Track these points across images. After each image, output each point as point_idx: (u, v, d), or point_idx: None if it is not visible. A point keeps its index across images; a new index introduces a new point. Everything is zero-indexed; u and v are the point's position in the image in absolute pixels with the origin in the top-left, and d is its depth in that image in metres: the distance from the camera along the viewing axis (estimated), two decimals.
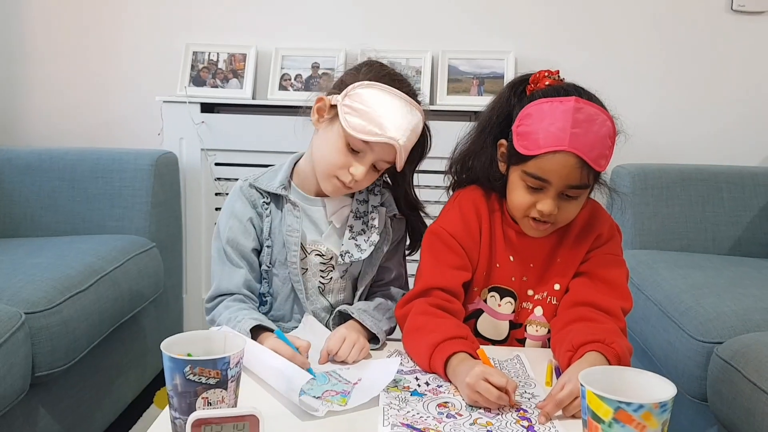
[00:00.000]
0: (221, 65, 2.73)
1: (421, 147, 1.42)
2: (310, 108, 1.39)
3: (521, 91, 1.32)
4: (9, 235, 2.32)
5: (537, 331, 1.38)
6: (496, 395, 1.06)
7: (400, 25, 2.74)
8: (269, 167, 1.49)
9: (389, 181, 1.50)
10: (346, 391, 1.13)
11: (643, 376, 0.91)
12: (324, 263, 1.43)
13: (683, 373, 1.65)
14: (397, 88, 1.32)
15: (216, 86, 2.72)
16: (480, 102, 2.60)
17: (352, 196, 1.45)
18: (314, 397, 1.07)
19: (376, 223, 1.43)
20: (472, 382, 1.07)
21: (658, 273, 2.00)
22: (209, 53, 2.74)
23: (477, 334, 1.39)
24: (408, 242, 1.53)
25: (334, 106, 1.33)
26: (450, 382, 1.18)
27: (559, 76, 1.30)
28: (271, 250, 1.42)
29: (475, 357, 1.17)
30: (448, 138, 1.47)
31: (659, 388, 0.87)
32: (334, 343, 1.26)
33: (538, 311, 1.38)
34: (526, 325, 1.38)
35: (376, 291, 1.50)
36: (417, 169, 1.46)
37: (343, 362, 1.24)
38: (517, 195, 1.29)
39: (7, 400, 1.47)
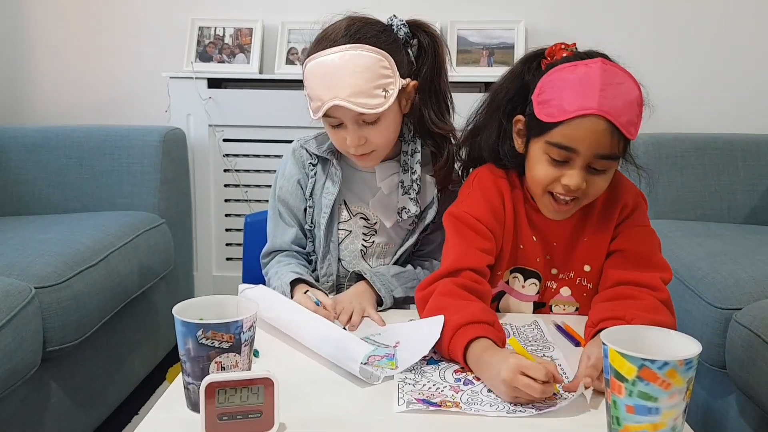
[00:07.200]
0: (227, 40, 2.70)
1: (431, 61, 1.36)
2: None
3: (536, 66, 1.25)
4: (18, 213, 2.31)
5: (564, 310, 1.33)
6: (540, 390, 0.94)
7: None
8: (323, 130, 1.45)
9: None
10: (390, 354, 1.11)
11: (666, 334, 0.89)
12: (367, 227, 1.44)
13: (701, 341, 1.57)
14: (323, 47, 1.26)
15: (222, 61, 2.69)
16: (490, 73, 2.57)
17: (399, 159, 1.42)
18: (363, 364, 1.05)
19: (429, 179, 1.41)
20: (509, 378, 0.95)
21: (673, 242, 1.97)
22: (215, 28, 2.72)
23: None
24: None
25: None
26: (470, 371, 1.06)
27: (576, 49, 1.21)
28: (312, 211, 1.43)
29: (500, 346, 1.07)
30: (458, 110, 1.43)
31: (683, 346, 0.85)
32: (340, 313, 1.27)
33: (565, 291, 1.32)
34: (551, 305, 1.33)
35: (414, 260, 1.49)
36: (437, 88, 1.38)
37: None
38: (540, 170, 1.19)
39: (19, 374, 1.47)
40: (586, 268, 1.29)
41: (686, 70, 2.69)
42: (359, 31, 1.27)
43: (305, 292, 1.31)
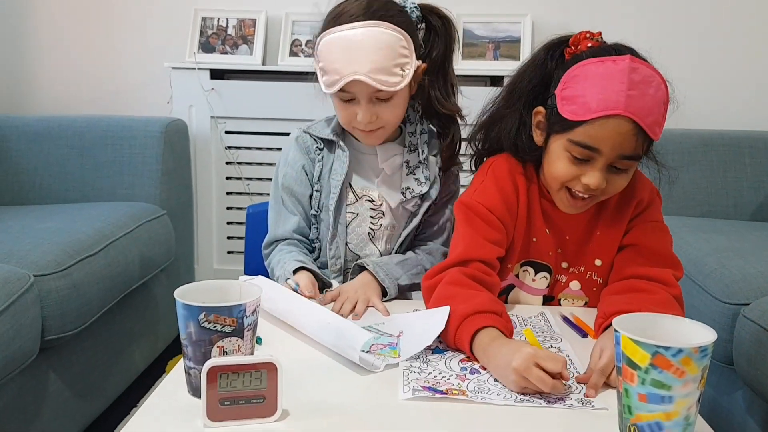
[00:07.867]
0: (231, 31, 2.68)
1: (443, 44, 1.38)
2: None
3: (559, 54, 1.21)
4: (18, 203, 2.30)
5: (573, 304, 1.31)
6: (551, 385, 0.91)
7: None
8: (326, 117, 1.47)
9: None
10: (393, 343, 1.10)
11: (678, 322, 0.87)
12: (374, 209, 1.43)
13: None
14: (343, 23, 1.26)
15: (225, 52, 2.67)
16: (496, 66, 2.56)
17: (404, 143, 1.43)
18: (364, 352, 1.03)
19: (432, 159, 1.42)
20: (522, 368, 0.92)
21: (680, 237, 1.94)
22: (218, 19, 2.70)
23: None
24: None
25: None
26: (475, 360, 1.05)
27: (601, 38, 1.18)
28: (319, 195, 1.43)
29: (507, 336, 1.05)
30: (463, 103, 1.42)
31: (697, 334, 0.83)
32: (336, 303, 1.27)
33: (575, 285, 1.30)
34: (560, 299, 1.31)
35: (416, 245, 1.48)
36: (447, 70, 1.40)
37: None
38: (559, 167, 1.16)
39: (17, 362, 1.45)
40: (597, 262, 1.28)
41: (693, 66, 2.67)
42: (380, 9, 1.28)
43: (286, 280, 1.29)
